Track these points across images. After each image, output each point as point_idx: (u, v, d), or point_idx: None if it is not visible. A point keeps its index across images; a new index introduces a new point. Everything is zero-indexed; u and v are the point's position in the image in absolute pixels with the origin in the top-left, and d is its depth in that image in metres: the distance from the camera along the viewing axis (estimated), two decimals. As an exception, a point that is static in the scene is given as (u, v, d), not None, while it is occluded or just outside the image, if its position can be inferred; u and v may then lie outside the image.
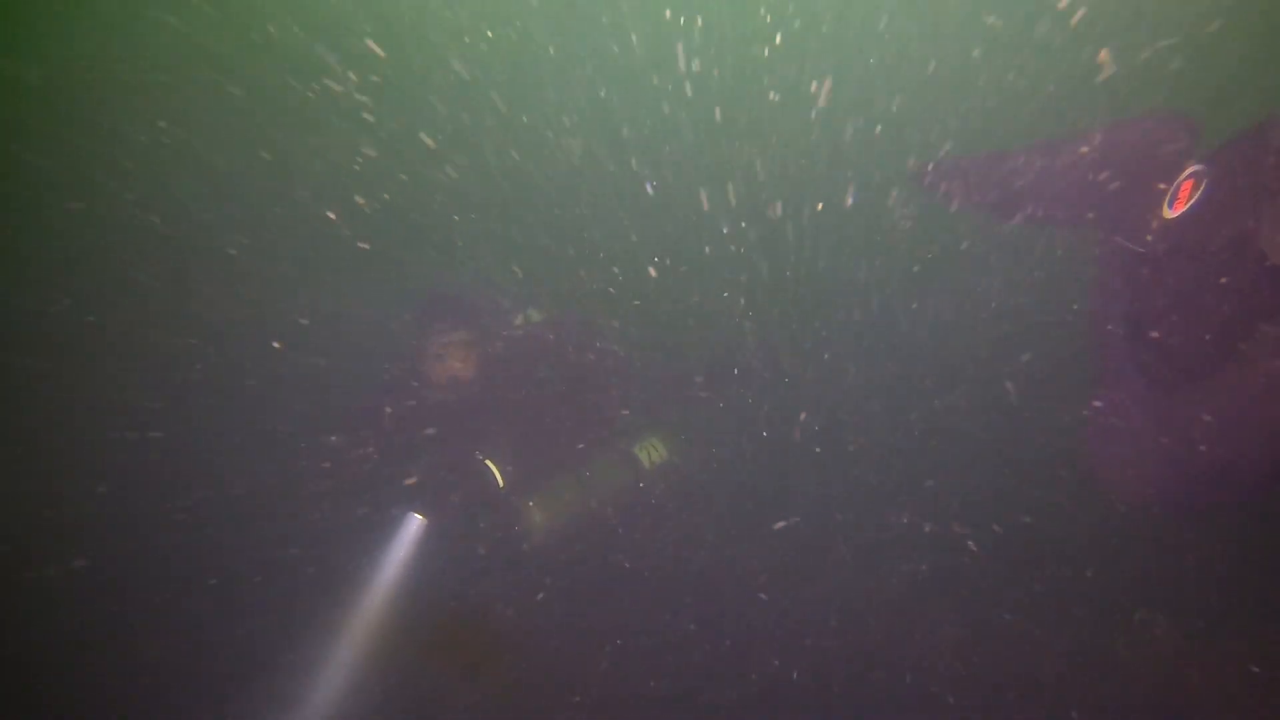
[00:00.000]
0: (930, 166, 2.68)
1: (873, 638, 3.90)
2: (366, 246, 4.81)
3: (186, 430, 4.72)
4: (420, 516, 3.91)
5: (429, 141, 4.74)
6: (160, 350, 4.80)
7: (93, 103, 4.42)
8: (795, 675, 3.89)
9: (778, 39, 4.46)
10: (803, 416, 4.30)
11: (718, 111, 4.63)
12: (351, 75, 4.63)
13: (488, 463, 3.79)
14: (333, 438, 3.93)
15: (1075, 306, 2.90)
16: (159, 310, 4.82)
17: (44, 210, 4.65)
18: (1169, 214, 1.78)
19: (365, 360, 4.20)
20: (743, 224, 4.58)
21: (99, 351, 4.76)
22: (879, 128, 4.22)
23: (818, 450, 4.28)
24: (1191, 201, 1.72)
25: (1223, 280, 1.65)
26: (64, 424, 4.70)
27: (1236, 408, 1.73)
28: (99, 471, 4.58)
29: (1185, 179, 1.77)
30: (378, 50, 4.58)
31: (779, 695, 3.89)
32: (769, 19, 4.45)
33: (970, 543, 3.86)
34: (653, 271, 4.68)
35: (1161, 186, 1.83)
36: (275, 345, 4.52)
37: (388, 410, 3.91)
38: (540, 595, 3.83)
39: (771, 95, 4.52)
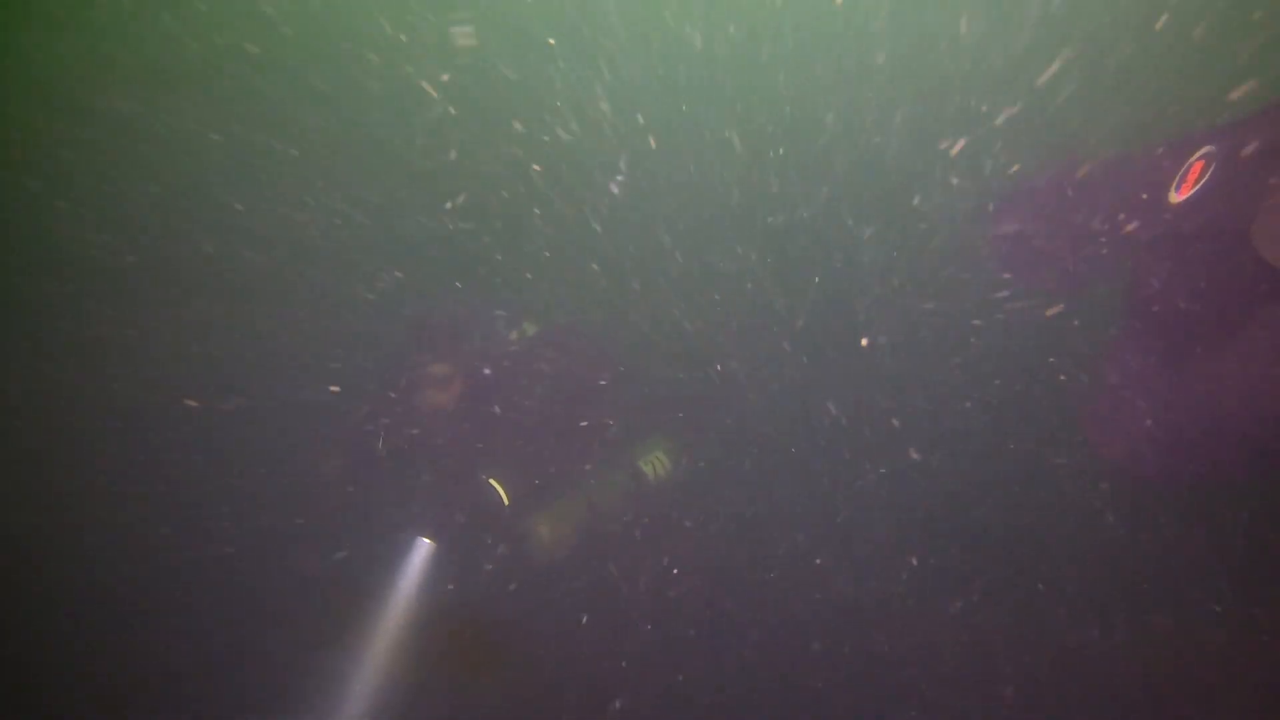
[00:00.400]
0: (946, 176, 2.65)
1: (872, 640, 3.91)
2: (362, 261, 4.80)
3: (183, 444, 4.72)
4: (427, 540, 3.90)
5: (422, 156, 4.74)
6: (159, 361, 4.79)
7: (92, 102, 4.42)
8: (796, 677, 3.90)
9: (780, 41, 4.46)
10: (803, 421, 4.30)
11: (716, 116, 4.63)
12: (353, 79, 4.63)
13: (491, 481, 3.79)
14: (331, 464, 3.92)
15: (1077, 295, 2.88)
16: (163, 321, 4.81)
17: (43, 211, 4.66)
18: (1175, 198, 1.74)
19: (359, 382, 4.17)
20: (742, 231, 4.58)
21: (96, 357, 4.75)
22: (875, 131, 4.22)
23: (818, 455, 4.28)
24: (1198, 185, 1.68)
25: (1228, 266, 1.61)
26: (67, 437, 4.70)
27: (1238, 394, 1.70)
28: (101, 487, 4.59)
29: (1194, 161, 1.73)
30: (376, 56, 4.58)
31: (780, 697, 3.90)
32: (774, 22, 4.45)
33: (970, 545, 3.87)
34: (652, 281, 4.67)
35: (1169, 172, 1.78)
36: (273, 365, 4.50)
37: (385, 434, 3.89)
38: (548, 607, 3.83)
39: (771, 99, 4.52)
